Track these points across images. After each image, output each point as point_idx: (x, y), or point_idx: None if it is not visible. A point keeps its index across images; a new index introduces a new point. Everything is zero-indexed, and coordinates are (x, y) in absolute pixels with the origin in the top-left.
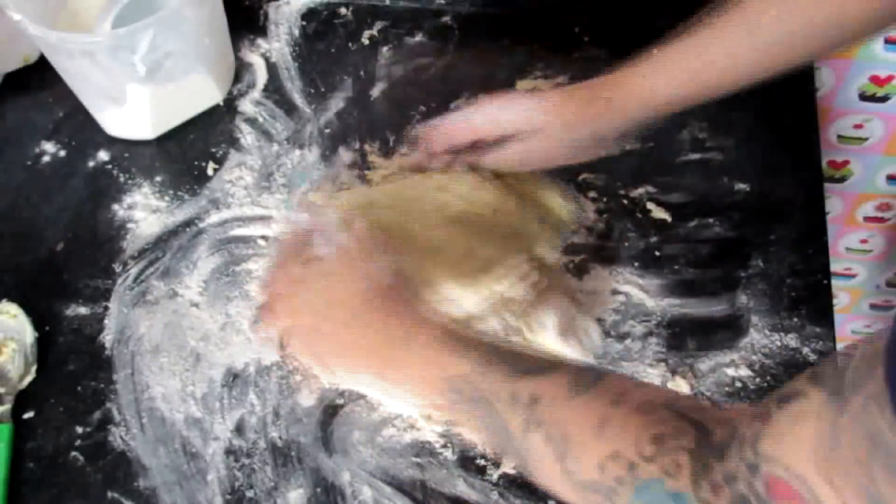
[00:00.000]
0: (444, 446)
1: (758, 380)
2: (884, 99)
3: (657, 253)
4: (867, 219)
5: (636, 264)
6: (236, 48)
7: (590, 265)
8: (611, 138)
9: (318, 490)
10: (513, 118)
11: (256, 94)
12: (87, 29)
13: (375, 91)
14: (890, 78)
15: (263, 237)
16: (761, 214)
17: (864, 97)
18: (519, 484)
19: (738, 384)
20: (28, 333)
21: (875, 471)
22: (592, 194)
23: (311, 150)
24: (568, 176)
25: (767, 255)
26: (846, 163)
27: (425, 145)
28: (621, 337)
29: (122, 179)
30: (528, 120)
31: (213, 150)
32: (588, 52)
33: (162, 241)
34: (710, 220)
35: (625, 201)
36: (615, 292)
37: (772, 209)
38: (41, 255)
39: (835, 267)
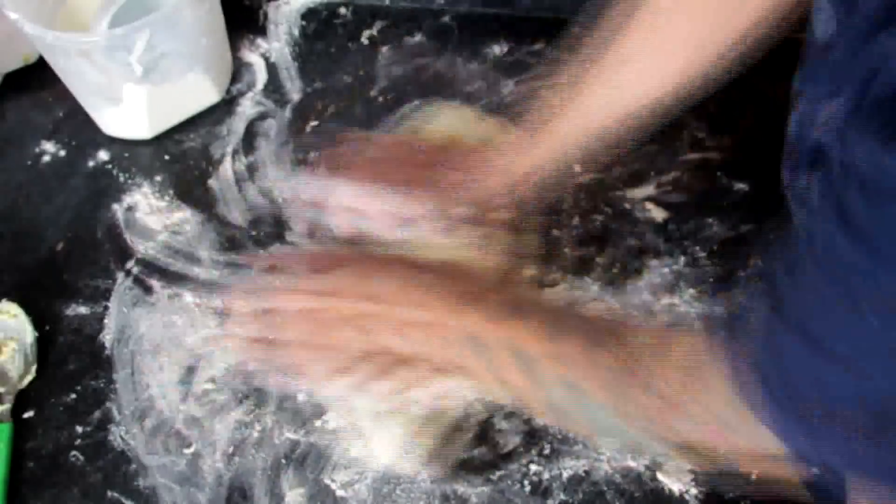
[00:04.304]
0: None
1: None
2: None
3: (656, 253)
4: None
5: (636, 264)
6: (236, 48)
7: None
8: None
9: (318, 490)
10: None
11: (256, 93)
12: (84, 28)
13: (375, 91)
14: None
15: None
16: (761, 214)
17: None
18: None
19: None
20: (28, 333)
21: None
22: (591, 194)
23: None
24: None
25: (767, 255)
26: None
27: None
28: None
29: (122, 179)
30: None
31: (213, 150)
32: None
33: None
34: (709, 220)
35: (624, 202)
36: None
37: (771, 209)
38: (41, 255)
39: None
